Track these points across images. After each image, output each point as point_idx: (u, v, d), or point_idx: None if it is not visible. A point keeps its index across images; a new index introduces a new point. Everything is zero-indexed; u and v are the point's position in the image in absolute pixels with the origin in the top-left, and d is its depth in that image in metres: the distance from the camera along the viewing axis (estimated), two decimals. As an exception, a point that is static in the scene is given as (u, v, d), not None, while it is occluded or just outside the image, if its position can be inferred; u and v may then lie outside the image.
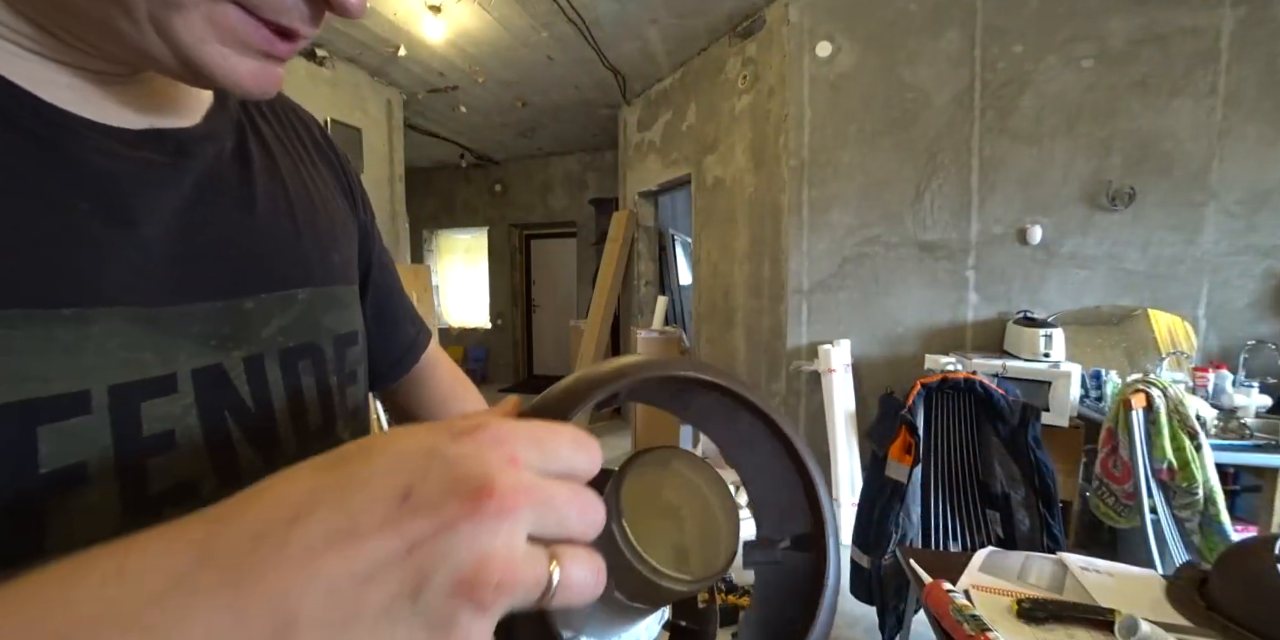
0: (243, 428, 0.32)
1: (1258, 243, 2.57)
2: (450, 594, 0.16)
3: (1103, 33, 2.64)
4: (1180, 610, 1.01)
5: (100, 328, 0.26)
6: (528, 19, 3.33)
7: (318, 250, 0.38)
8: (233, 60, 0.27)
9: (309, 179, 0.41)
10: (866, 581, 1.85)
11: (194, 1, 0.24)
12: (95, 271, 0.26)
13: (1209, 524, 1.78)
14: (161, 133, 0.30)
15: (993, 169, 2.80)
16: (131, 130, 0.29)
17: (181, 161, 0.31)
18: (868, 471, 1.96)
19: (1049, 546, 1.65)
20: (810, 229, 3.02)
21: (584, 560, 0.18)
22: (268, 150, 0.38)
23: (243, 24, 0.26)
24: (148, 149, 0.29)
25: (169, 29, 0.24)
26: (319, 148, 0.44)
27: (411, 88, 4.43)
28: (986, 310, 2.86)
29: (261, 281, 0.34)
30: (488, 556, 0.16)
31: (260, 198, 0.35)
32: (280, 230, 0.36)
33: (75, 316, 0.25)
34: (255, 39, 0.27)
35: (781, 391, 3.15)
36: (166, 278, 0.29)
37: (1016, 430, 1.74)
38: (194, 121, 0.33)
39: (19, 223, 0.24)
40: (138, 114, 0.30)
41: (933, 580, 1.06)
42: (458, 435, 0.18)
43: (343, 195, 0.45)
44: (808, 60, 2.96)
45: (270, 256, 0.35)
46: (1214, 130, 2.57)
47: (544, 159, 6.83)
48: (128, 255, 0.28)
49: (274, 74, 0.29)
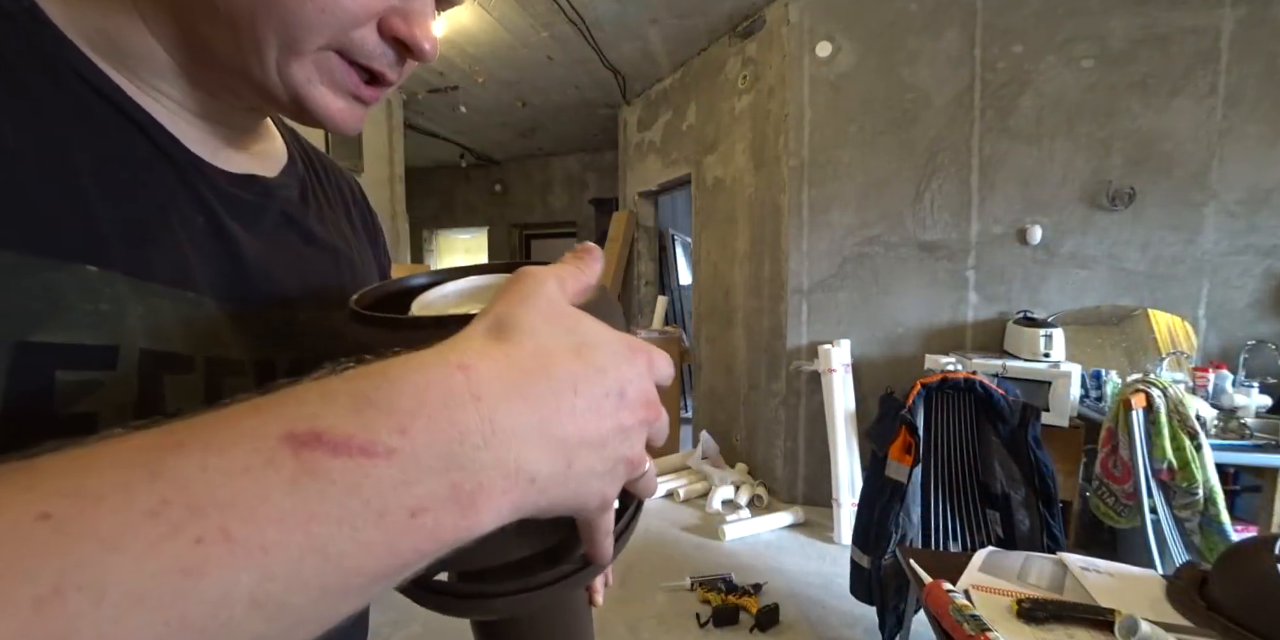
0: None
1: (1258, 243, 2.57)
2: (626, 462, 0.25)
3: (1103, 33, 2.64)
4: (1180, 610, 1.01)
5: (202, 312, 0.33)
6: (528, 19, 3.33)
7: (353, 281, 0.46)
8: (329, 98, 0.35)
9: (345, 227, 0.49)
10: (866, 581, 1.85)
11: (309, 51, 0.32)
12: (202, 268, 0.34)
13: (1209, 524, 1.78)
14: (254, 178, 0.39)
15: (993, 169, 2.80)
16: (235, 173, 0.38)
17: (267, 201, 0.39)
18: (868, 471, 1.96)
19: (1049, 546, 1.65)
20: (810, 229, 3.02)
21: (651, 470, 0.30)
22: (319, 200, 0.46)
23: (340, 68, 0.34)
24: (244, 188, 0.38)
25: (287, 72, 0.32)
26: (355, 204, 0.54)
27: (411, 88, 4.43)
28: (986, 310, 2.87)
29: (313, 300, 0.41)
30: (641, 447, 0.26)
31: (316, 233, 0.43)
32: (327, 262, 0.44)
33: (195, 300, 0.33)
34: (348, 82, 0.35)
35: (781, 391, 3.15)
36: (247, 285, 0.36)
37: (1016, 430, 1.74)
38: (275, 172, 0.42)
39: (162, 218, 0.32)
40: (240, 164, 0.39)
41: (933, 580, 1.06)
42: (634, 351, 0.26)
43: (369, 244, 0.53)
44: (808, 60, 2.96)
45: (320, 280, 0.42)
46: (1214, 130, 2.57)
47: (544, 159, 6.83)
48: (223, 263, 0.35)
49: (359, 114, 0.37)
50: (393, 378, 0.19)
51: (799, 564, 2.51)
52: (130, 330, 0.29)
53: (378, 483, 0.17)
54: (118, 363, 0.28)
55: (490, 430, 0.20)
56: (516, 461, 0.20)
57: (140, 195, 0.31)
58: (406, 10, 0.34)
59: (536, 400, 0.21)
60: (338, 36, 0.32)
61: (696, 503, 3.19)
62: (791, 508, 2.94)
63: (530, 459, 0.20)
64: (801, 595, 2.26)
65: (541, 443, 0.21)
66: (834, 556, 2.55)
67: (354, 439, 0.17)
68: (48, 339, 0.26)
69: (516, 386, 0.21)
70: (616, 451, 0.24)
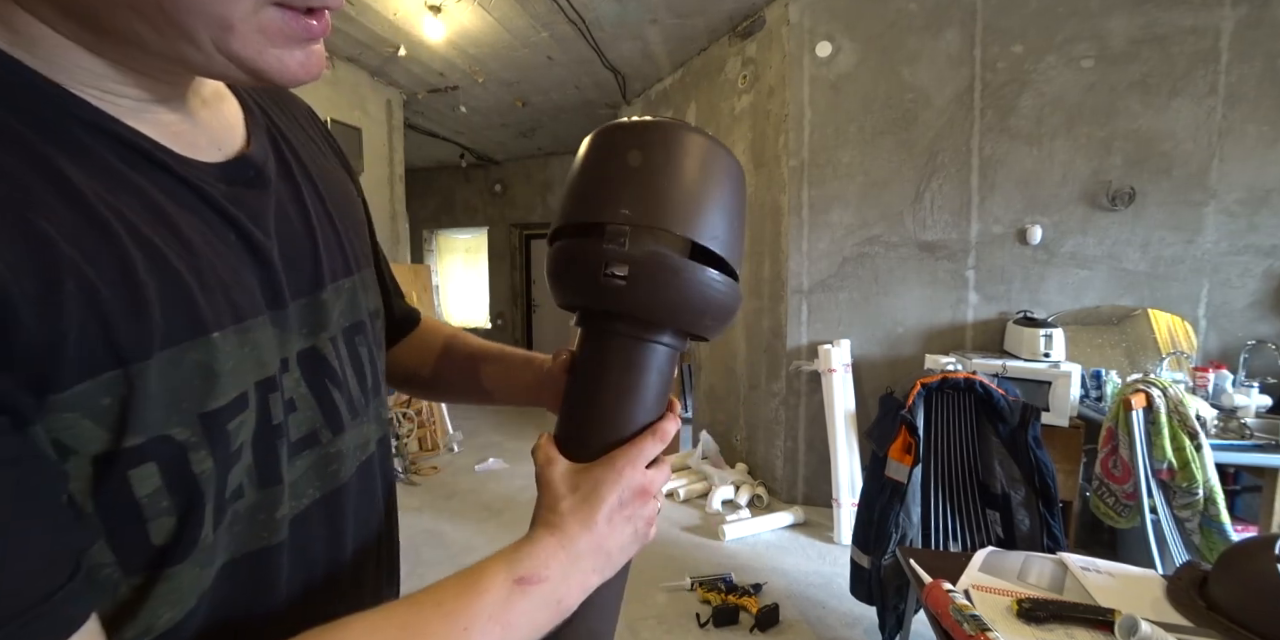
0: (336, 389, 0.42)
1: (1258, 243, 2.57)
2: (645, 524, 0.44)
3: (1103, 33, 2.64)
4: (1180, 610, 1.01)
5: (255, 335, 0.34)
6: (528, 19, 3.33)
7: (350, 242, 0.46)
8: (284, 58, 0.32)
9: (326, 169, 0.47)
10: (866, 581, 1.85)
11: (241, 17, 0.29)
12: (255, 288, 0.35)
13: (1209, 524, 1.78)
14: (240, 162, 0.37)
15: (993, 169, 2.80)
16: (219, 164, 0.36)
17: (264, 190, 0.38)
18: (868, 471, 1.96)
19: (1049, 546, 1.65)
20: (810, 229, 3.02)
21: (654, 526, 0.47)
22: (294, 151, 0.44)
23: (283, 20, 0.31)
24: (243, 183, 0.37)
25: (229, 49, 0.30)
26: (318, 131, 0.50)
27: (411, 88, 4.43)
28: (986, 310, 2.87)
29: (328, 275, 0.42)
30: (651, 514, 0.44)
31: (309, 203, 0.42)
32: (327, 230, 0.43)
33: (254, 325, 0.34)
34: (296, 29, 0.31)
35: (781, 391, 3.15)
36: (281, 286, 0.37)
37: (1016, 430, 1.74)
38: (240, 133, 0.40)
39: (215, 256, 0.33)
40: (209, 144, 0.36)
41: (933, 580, 1.06)
42: (624, 472, 0.43)
43: (345, 175, 0.51)
44: (808, 60, 2.96)
45: (328, 253, 0.42)
46: (1214, 130, 2.57)
47: (544, 159, 6.83)
48: (263, 272, 0.36)
49: (318, 57, 0.34)
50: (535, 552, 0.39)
51: (799, 564, 2.51)
52: (245, 373, 0.33)
53: (543, 592, 0.38)
54: (249, 403, 0.34)
55: (575, 568, 0.40)
56: (583, 571, 0.40)
57: (193, 239, 0.32)
58: None
59: (595, 546, 0.41)
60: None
61: (696, 503, 3.19)
62: (791, 508, 2.94)
63: (589, 570, 0.40)
64: (801, 595, 2.26)
65: (593, 560, 0.41)
66: (834, 556, 2.55)
67: (534, 576, 0.37)
68: (215, 405, 0.31)
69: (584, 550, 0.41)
70: (632, 532, 0.43)
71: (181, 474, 0.29)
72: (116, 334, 0.27)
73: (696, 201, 0.42)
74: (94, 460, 0.27)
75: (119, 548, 0.28)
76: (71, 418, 0.26)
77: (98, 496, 0.27)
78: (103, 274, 0.27)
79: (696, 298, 0.43)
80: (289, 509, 0.37)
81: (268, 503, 0.35)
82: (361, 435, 0.44)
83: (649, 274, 0.41)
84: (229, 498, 0.32)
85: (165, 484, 0.29)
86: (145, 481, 0.28)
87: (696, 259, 0.42)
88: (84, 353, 0.26)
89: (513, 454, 4.10)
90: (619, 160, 0.42)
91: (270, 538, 0.36)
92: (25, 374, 0.24)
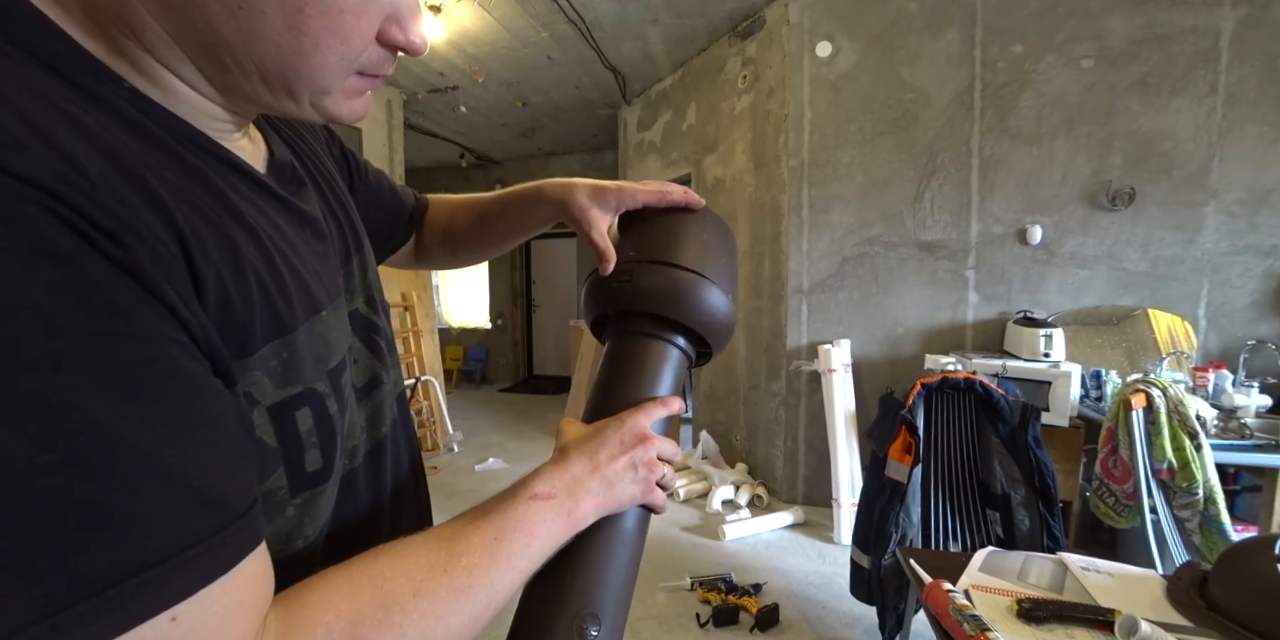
0: (382, 338, 0.53)
1: (1258, 243, 2.57)
2: (646, 468, 0.49)
3: (1103, 33, 2.64)
4: (1180, 610, 1.01)
5: (341, 310, 0.44)
6: (528, 19, 3.33)
7: (353, 217, 0.55)
8: (354, 106, 0.40)
9: (318, 154, 0.55)
10: (866, 581, 1.85)
11: (337, 85, 0.37)
12: (338, 273, 0.46)
13: (1209, 524, 1.78)
14: (278, 166, 0.44)
15: (993, 169, 2.80)
16: (269, 171, 0.43)
17: (304, 185, 0.47)
18: (868, 471, 1.96)
19: (1049, 546, 1.65)
20: (810, 229, 3.02)
21: (671, 471, 0.52)
22: (302, 147, 0.52)
23: (360, 83, 0.39)
24: (293, 183, 0.45)
25: (320, 105, 0.38)
26: (312, 131, 0.58)
27: (411, 88, 4.43)
28: (986, 310, 2.87)
29: (353, 247, 0.51)
30: (651, 458, 0.49)
31: (324, 188, 0.51)
32: (340, 210, 0.52)
33: (341, 302, 0.44)
34: (364, 87, 0.40)
35: (781, 391, 3.15)
36: (336, 265, 0.47)
37: (1016, 430, 1.74)
38: (260, 139, 0.46)
39: (307, 249, 0.42)
40: (254, 155, 0.43)
41: (933, 580, 1.06)
42: (625, 420, 0.50)
43: (336, 168, 0.59)
44: (808, 60, 2.96)
45: (347, 229, 0.51)
46: (1214, 130, 2.57)
47: (544, 159, 6.83)
48: (330, 261, 0.45)
49: (369, 102, 0.42)
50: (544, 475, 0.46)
51: (799, 564, 2.51)
52: (343, 338, 0.44)
53: (555, 506, 0.44)
54: (347, 362, 0.44)
55: (579, 487, 0.46)
56: (588, 491, 0.46)
57: (293, 238, 0.40)
58: (399, 17, 0.37)
59: (594, 471, 0.47)
60: (354, 68, 0.37)
61: (696, 503, 3.19)
62: (791, 508, 2.94)
63: (593, 491, 0.46)
64: (801, 595, 2.26)
65: (595, 483, 0.46)
66: (834, 556, 2.55)
67: (545, 493, 0.44)
68: (334, 364, 0.41)
69: (583, 474, 0.47)
70: (633, 472, 0.48)
71: (322, 416, 0.39)
72: (278, 311, 0.35)
73: (683, 241, 0.58)
74: (268, 409, 0.35)
75: (288, 474, 0.37)
76: (258, 375, 0.34)
77: (278, 434, 0.36)
78: (262, 265, 0.35)
79: (689, 292, 0.54)
80: (360, 440, 0.47)
81: (352, 434, 0.45)
82: (393, 377, 0.55)
83: (646, 271, 0.55)
84: (347, 433, 0.43)
85: (315, 424, 0.38)
86: (304, 422, 0.37)
87: None
88: (264, 325, 0.34)
89: (513, 454, 4.11)
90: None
91: (352, 462, 0.45)
92: (233, 343, 0.32)
